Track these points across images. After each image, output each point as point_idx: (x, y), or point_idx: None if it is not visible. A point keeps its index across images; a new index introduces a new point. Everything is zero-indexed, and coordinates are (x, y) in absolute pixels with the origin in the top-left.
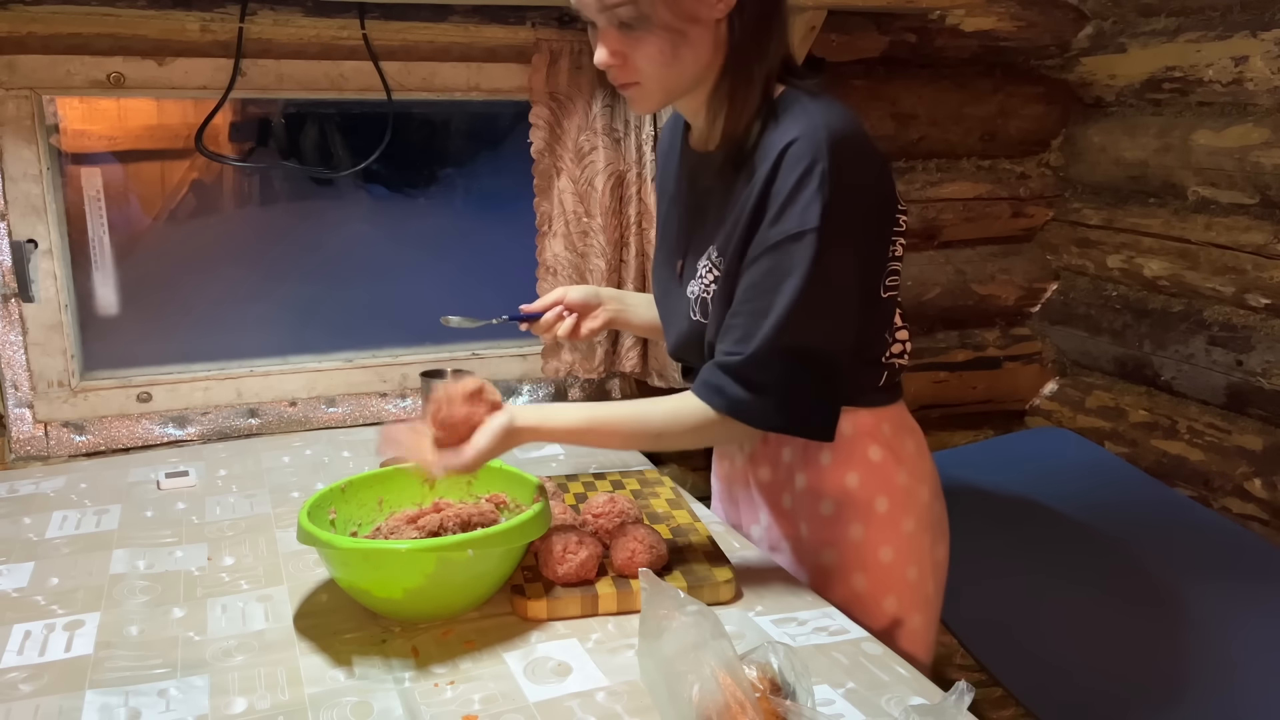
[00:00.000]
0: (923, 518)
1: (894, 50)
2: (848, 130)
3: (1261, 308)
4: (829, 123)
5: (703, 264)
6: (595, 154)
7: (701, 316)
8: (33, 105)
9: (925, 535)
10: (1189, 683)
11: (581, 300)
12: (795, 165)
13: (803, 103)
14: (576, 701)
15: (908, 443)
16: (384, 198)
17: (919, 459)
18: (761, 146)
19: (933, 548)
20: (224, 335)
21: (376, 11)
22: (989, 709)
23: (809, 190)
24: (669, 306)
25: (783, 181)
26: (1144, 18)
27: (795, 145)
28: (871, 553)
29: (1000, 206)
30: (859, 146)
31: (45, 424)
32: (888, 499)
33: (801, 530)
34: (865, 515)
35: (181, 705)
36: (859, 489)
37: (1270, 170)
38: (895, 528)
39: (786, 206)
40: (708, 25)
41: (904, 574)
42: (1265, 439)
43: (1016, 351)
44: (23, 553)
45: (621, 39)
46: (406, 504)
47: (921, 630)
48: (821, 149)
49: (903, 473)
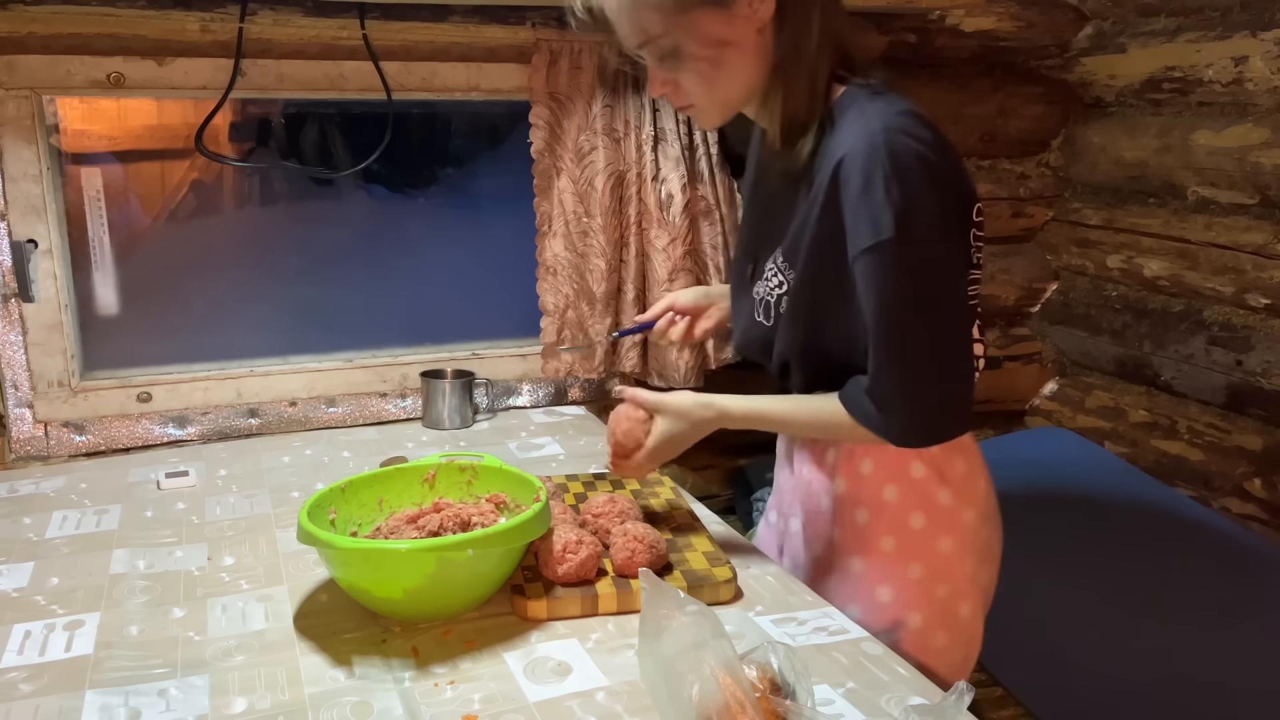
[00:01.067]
0: (965, 541)
1: (894, 50)
2: (908, 130)
3: (1261, 308)
4: (886, 126)
5: (769, 267)
6: (595, 154)
7: (764, 319)
8: (33, 105)
9: (967, 558)
10: (1189, 682)
11: (692, 303)
12: (854, 177)
13: (861, 105)
14: (576, 701)
15: (957, 463)
16: (384, 198)
17: (968, 482)
18: (822, 153)
19: (975, 572)
20: (224, 335)
21: (376, 11)
22: (989, 709)
23: (876, 196)
24: (739, 303)
25: (846, 195)
26: (1144, 18)
27: (849, 156)
28: (899, 568)
29: (1000, 206)
30: (921, 145)
31: (45, 424)
32: (924, 516)
33: (835, 536)
34: (898, 529)
35: (181, 705)
36: (896, 502)
37: (1270, 170)
38: (929, 545)
39: (857, 217)
40: (745, 40)
41: (933, 591)
42: (1265, 439)
43: (1016, 351)
44: (23, 553)
45: (666, 69)
46: (406, 504)
47: (946, 650)
48: (880, 155)
49: (946, 492)
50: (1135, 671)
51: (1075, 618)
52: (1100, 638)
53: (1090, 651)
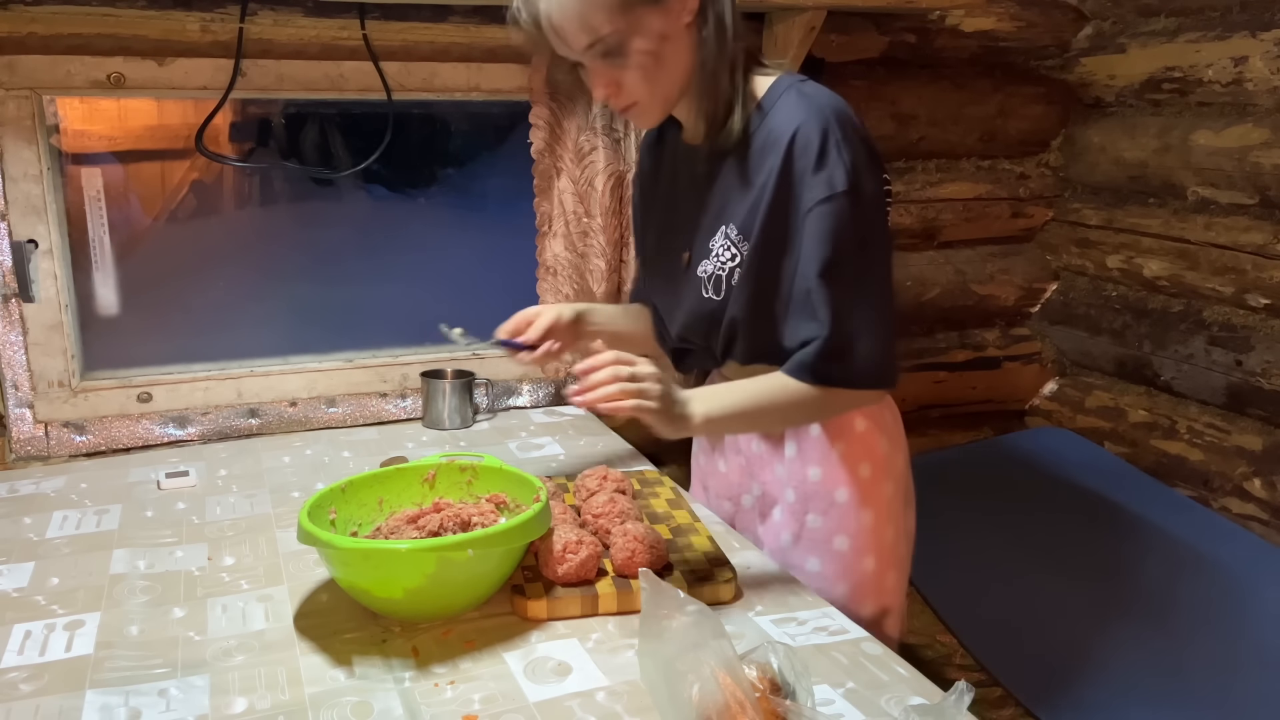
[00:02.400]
0: (899, 483)
1: (894, 50)
2: (843, 107)
3: (1261, 308)
4: (829, 102)
5: (717, 243)
6: (595, 154)
7: (714, 294)
8: (33, 105)
9: (900, 500)
10: (1189, 682)
11: (572, 333)
12: (809, 143)
13: (798, 89)
14: (576, 701)
15: (886, 412)
16: (384, 198)
17: (895, 426)
18: (764, 130)
19: (905, 512)
20: (224, 335)
21: (376, 12)
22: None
23: (830, 159)
24: (672, 295)
25: (802, 161)
26: (1144, 18)
27: (804, 126)
28: (853, 516)
29: (1000, 206)
30: (856, 119)
31: (45, 424)
32: (870, 465)
33: (789, 496)
34: (850, 481)
35: (181, 705)
36: (845, 456)
37: (1270, 170)
38: (877, 492)
39: (812, 178)
40: (678, 34)
41: (883, 535)
42: (1265, 439)
43: (1016, 351)
44: (23, 553)
45: (609, 71)
46: (406, 504)
47: (894, 589)
48: (830, 123)
49: (884, 440)
50: (1135, 671)
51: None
52: (1100, 638)
53: (1089, 651)
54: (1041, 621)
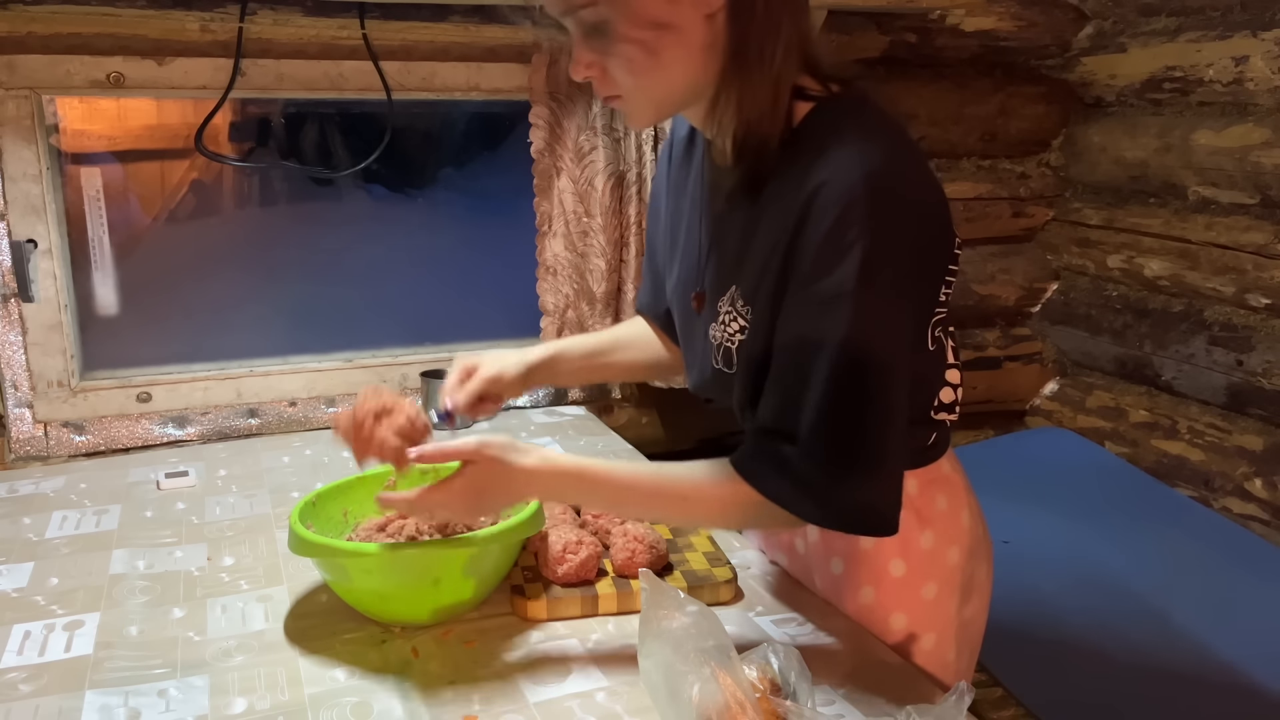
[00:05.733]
0: (949, 581)
1: (894, 50)
2: (890, 163)
3: (1262, 308)
4: (865, 157)
5: (724, 307)
6: (595, 154)
7: (725, 366)
8: (33, 105)
9: (951, 599)
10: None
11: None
12: (826, 213)
13: (836, 127)
14: (576, 701)
15: (938, 499)
16: (384, 198)
17: (950, 517)
18: (788, 179)
19: (960, 610)
20: (224, 335)
21: (376, 11)
22: (989, 709)
23: (843, 244)
24: (690, 337)
25: (813, 231)
26: (1144, 18)
27: (825, 190)
28: (882, 619)
29: (1000, 206)
30: (903, 182)
31: (45, 424)
32: (904, 562)
33: (815, 583)
34: (876, 578)
35: (181, 705)
36: (873, 550)
37: (1270, 170)
38: (912, 593)
39: (819, 264)
40: (689, 27)
41: (919, 643)
42: (1265, 439)
43: (1017, 351)
44: (23, 553)
45: (592, 48)
46: (371, 513)
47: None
48: (856, 193)
49: (928, 535)
50: (1135, 671)
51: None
52: (1100, 638)
53: (1090, 651)
54: (1041, 622)
